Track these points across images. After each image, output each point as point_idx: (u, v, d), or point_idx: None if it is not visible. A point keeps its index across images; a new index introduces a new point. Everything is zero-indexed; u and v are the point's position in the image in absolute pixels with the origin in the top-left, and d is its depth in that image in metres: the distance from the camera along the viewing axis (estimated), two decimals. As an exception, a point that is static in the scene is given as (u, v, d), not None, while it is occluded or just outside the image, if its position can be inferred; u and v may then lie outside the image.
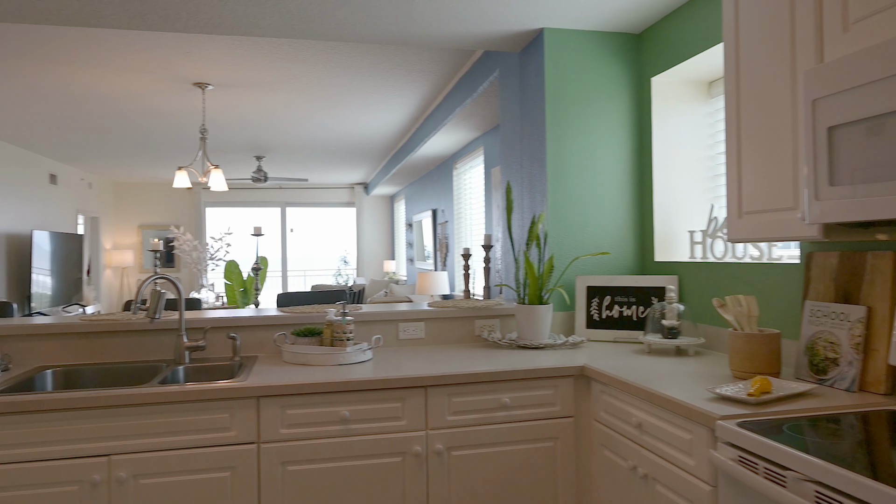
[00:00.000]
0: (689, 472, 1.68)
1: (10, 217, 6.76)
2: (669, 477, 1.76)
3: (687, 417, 1.67)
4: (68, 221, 8.29)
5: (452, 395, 2.19)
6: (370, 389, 2.13)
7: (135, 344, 2.53)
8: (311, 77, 4.56)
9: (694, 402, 1.67)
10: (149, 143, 6.97)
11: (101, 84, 4.61)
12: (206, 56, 4.04)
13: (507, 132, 3.50)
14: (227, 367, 2.44)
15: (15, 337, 2.44)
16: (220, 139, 6.81)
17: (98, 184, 9.53)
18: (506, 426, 2.22)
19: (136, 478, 1.96)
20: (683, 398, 1.71)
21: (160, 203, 10.46)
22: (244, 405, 2.04)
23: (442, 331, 2.82)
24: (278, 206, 11.11)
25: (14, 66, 4.14)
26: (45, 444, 1.91)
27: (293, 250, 11.45)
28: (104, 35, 3.62)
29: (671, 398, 1.73)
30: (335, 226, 12.36)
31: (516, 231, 3.29)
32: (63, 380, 2.36)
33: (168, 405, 1.99)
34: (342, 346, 2.44)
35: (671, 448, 1.76)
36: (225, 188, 4.92)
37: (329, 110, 5.61)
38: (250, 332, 2.63)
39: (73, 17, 2.70)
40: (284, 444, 2.06)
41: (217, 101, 5.19)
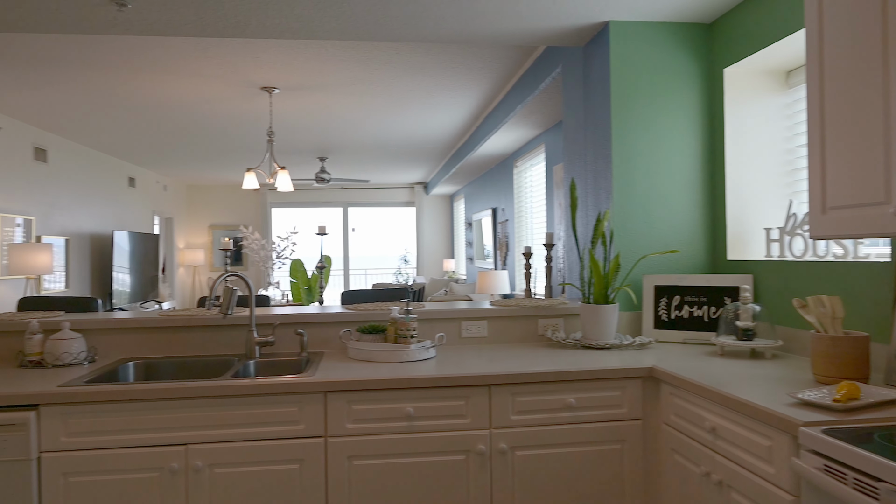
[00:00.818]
0: (768, 481, 1.60)
1: (94, 218, 7.18)
2: (746, 485, 1.68)
3: (766, 423, 1.59)
4: (145, 222, 8.74)
5: (517, 395, 2.17)
6: (434, 387, 2.14)
7: (208, 338, 2.63)
8: (373, 78, 4.63)
9: (774, 406, 1.58)
10: (218, 147, 7.25)
11: (175, 91, 4.82)
12: (274, 60, 4.17)
13: (569, 128, 3.44)
14: (295, 363, 2.50)
15: (100, 331, 2.58)
16: (285, 141, 7.01)
17: (172, 186, 10.00)
18: (571, 427, 2.18)
19: (210, 467, 2.04)
20: (762, 403, 1.63)
21: (229, 204, 10.88)
22: (312, 399, 2.09)
23: (505, 329, 2.80)
24: (340, 206, 11.35)
25: (97, 75, 4.39)
26: (127, 432, 2.01)
27: (354, 249, 11.67)
28: (179, 43, 3.79)
29: (749, 402, 1.65)
30: (395, 225, 12.52)
31: (580, 229, 3.23)
32: (143, 371, 2.48)
33: (241, 398, 2.06)
34: (406, 343, 2.46)
35: (748, 455, 1.68)
36: (291, 189, 5.06)
37: (390, 111, 5.68)
38: (317, 328, 2.69)
39: (153, 28, 2.84)
40: (350, 438, 2.10)
41: (283, 105, 5.35)
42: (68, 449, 1.98)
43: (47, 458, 1.97)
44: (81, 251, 6.86)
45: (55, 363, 2.36)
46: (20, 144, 5.72)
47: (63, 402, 1.98)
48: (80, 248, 6.82)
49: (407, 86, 4.85)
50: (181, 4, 2.61)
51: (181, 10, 2.66)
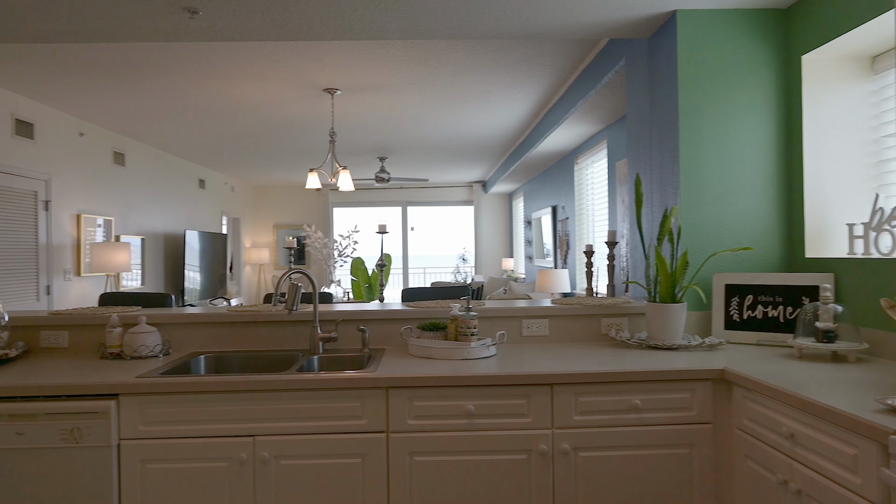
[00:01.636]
0: (853, 492, 1.50)
1: (167, 218, 7.53)
2: (828, 495, 1.58)
3: (852, 430, 1.49)
4: (214, 222, 9.10)
5: (580, 395, 2.12)
6: (495, 385, 2.12)
7: (274, 334, 2.71)
8: (432, 77, 4.65)
9: (860, 413, 1.48)
10: (282, 149, 7.46)
11: (241, 94, 4.99)
12: (336, 62, 4.24)
13: (634, 123, 3.35)
14: (357, 358, 2.54)
15: (174, 325, 2.70)
16: (346, 142, 7.14)
17: (239, 187, 10.37)
18: (637, 429, 2.12)
19: (277, 458, 2.09)
20: (847, 408, 1.52)
21: (293, 204, 11.18)
22: (374, 395, 2.11)
23: (567, 328, 2.75)
24: (399, 205, 11.47)
25: (168, 82, 4.59)
26: (199, 423, 2.08)
27: (413, 248, 11.77)
28: (245, 48, 3.91)
29: (832, 408, 1.55)
30: (454, 224, 12.55)
31: (646, 226, 3.14)
32: (213, 365, 2.58)
33: (306, 392, 2.10)
34: (466, 340, 2.45)
35: (831, 463, 1.58)
36: (352, 188, 5.15)
37: (450, 110, 5.69)
38: (378, 325, 2.72)
39: (223, 33, 2.94)
40: (412, 434, 2.10)
41: (344, 106, 5.44)
42: (145, 437, 2.08)
43: (126, 446, 2.07)
44: (156, 250, 7.21)
45: (133, 355, 2.48)
46: (100, 149, 6.06)
47: (140, 393, 2.08)
48: (154, 246, 7.16)
49: (466, 84, 4.84)
50: (249, 10, 2.69)
51: (249, 15, 2.74)
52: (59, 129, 5.37)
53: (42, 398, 2.06)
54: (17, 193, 4.81)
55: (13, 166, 4.75)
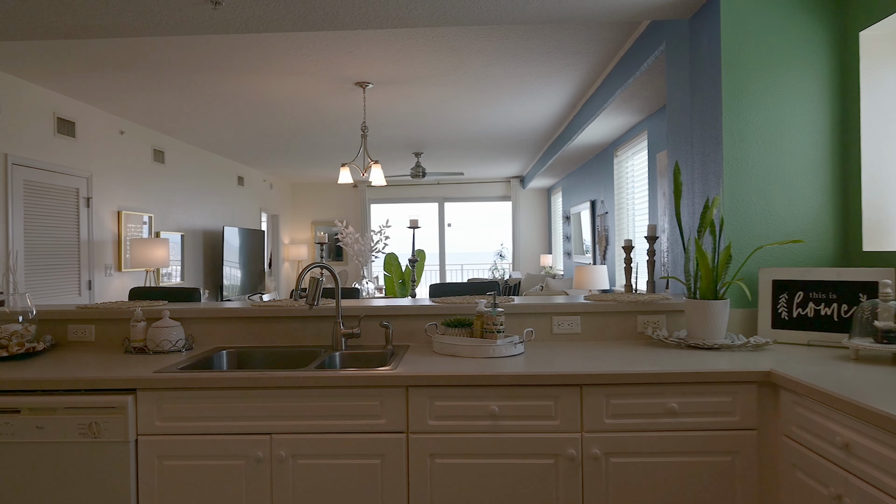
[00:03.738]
0: (919, 512, 1.33)
1: (207, 215, 7.64)
2: (890, 514, 1.41)
3: (917, 443, 1.32)
4: (253, 218, 9.21)
5: (611, 396, 1.99)
6: (521, 385, 2.00)
7: (297, 329, 2.65)
8: (465, 68, 4.54)
9: (928, 423, 1.31)
10: (318, 145, 7.47)
11: (274, 90, 4.98)
12: (366, 55, 4.18)
13: (674, 110, 3.17)
14: (379, 355, 2.46)
15: (197, 320, 2.67)
16: (381, 137, 7.10)
17: (278, 184, 10.48)
18: (673, 434, 1.97)
19: (294, 457, 2.03)
20: (911, 418, 1.36)
21: (330, 201, 11.25)
22: (393, 394, 2.02)
23: (600, 326, 2.61)
24: (436, 201, 11.40)
25: (202, 78, 4.61)
26: (216, 419, 2.04)
27: (451, 244, 11.69)
28: (275, 42, 3.88)
29: (892, 416, 1.38)
30: (491, 220, 12.42)
31: (686, 218, 2.96)
32: (235, 360, 2.54)
33: (323, 389, 2.03)
34: (492, 338, 2.34)
35: (891, 478, 1.41)
36: (384, 182, 5.09)
37: (484, 102, 5.56)
38: (402, 321, 2.64)
39: (247, 24, 2.90)
40: (432, 435, 2.01)
41: (377, 99, 5.39)
42: (162, 433, 2.04)
43: (144, 441, 2.04)
44: (195, 246, 7.32)
45: (156, 350, 2.46)
46: (141, 147, 6.17)
47: (157, 388, 2.04)
48: (193, 243, 7.27)
49: (500, 74, 4.72)
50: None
51: (272, 4, 2.69)
52: (100, 128, 5.48)
53: (62, 392, 2.05)
54: (60, 190, 4.92)
55: (56, 164, 4.86)
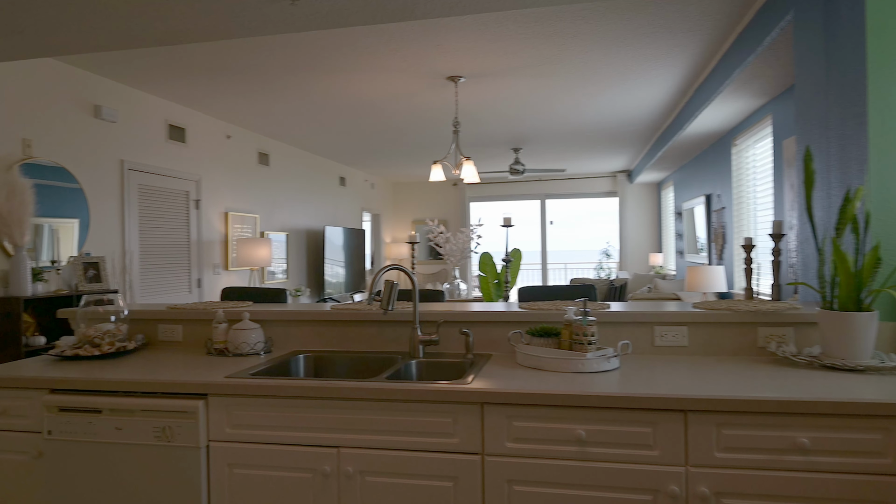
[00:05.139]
0: None
1: (309, 215, 7.85)
2: None
3: None
4: (354, 218, 9.38)
5: (723, 426, 1.68)
6: (612, 408, 1.74)
7: (374, 334, 2.53)
8: (561, 55, 4.25)
9: None
10: (415, 143, 7.43)
11: (368, 89, 4.95)
12: (456, 47, 4.02)
13: (805, 88, 2.72)
14: (457, 365, 2.28)
15: (276, 322, 2.63)
16: (477, 132, 6.92)
17: (379, 184, 10.63)
18: (804, 476, 1.62)
19: (362, 474, 1.90)
20: None
21: (431, 199, 11.26)
22: (467, 411, 1.83)
23: (712, 338, 2.26)
24: (538, 198, 11.07)
25: (301, 80, 4.66)
26: (283, 429, 1.95)
27: (553, 243, 11.30)
28: (363, 38, 3.81)
29: None
30: (596, 217, 11.89)
31: (819, 213, 2.52)
32: (312, 365, 2.46)
33: (391, 403, 1.88)
34: (582, 350, 2.08)
35: None
36: (477, 179, 4.91)
37: (584, 91, 5.23)
38: (484, 328, 2.44)
39: (327, 19, 2.83)
40: (510, 459, 1.80)
41: (470, 94, 5.22)
42: (232, 440, 1.99)
43: (214, 448, 1.99)
44: (298, 245, 7.54)
45: (235, 352, 2.44)
46: (247, 150, 6.42)
47: (226, 394, 1.99)
48: (297, 242, 7.50)
49: (600, 60, 4.38)
50: (348, -11, 2.53)
51: (349, -5, 2.59)
52: (209, 133, 5.74)
53: (139, 394, 2.05)
54: (172, 193, 5.19)
55: (167, 168, 5.13)
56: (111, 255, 4.45)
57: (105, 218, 4.42)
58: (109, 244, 4.45)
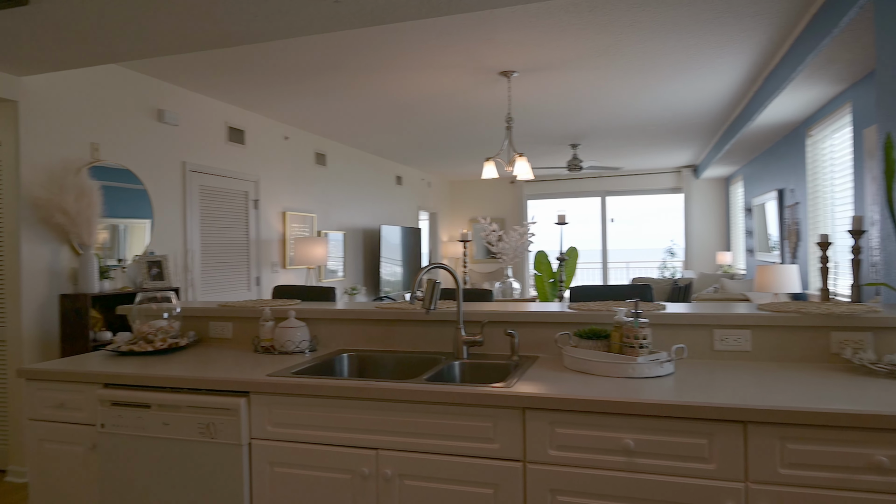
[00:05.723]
0: None
1: (366, 214, 7.92)
2: None
3: None
4: (411, 217, 9.41)
5: (789, 440, 1.53)
6: (664, 416, 1.62)
7: (418, 334, 2.49)
8: (618, 46, 4.08)
9: None
10: (470, 141, 7.37)
11: (421, 87, 4.93)
12: (508, 40, 3.93)
13: (886, 71, 2.49)
14: (502, 367, 2.20)
15: (321, 320, 2.62)
16: (533, 129, 6.79)
17: (436, 182, 10.63)
18: (881, 499, 1.46)
19: (401, 477, 1.85)
20: None
21: (488, 197, 11.17)
22: (507, 416, 1.75)
23: (779, 343, 2.09)
24: (598, 195, 10.78)
25: (354, 78, 4.69)
26: (323, 429, 1.93)
27: (614, 241, 10.99)
28: (412, 35, 3.78)
29: None
30: (660, 214, 11.48)
31: (902, 207, 2.29)
32: (356, 364, 2.44)
33: (429, 405, 1.83)
34: (633, 354, 1.97)
35: None
36: (531, 176, 4.79)
37: (643, 83, 5.02)
38: (531, 328, 2.35)
39: (372, 16, 2.80)
40: (553, 468, 1.71)
41: (525, 89, 5.10)
42: (273, 438, 1.98)
43: (256, 445, 2.00)
44: (355, 244, 7.62)
45: (281, 350, 2.45)
46: (304, 151, 6.53)
47: (267, 392, 1.99)
48: (353, 241, 7.58)
49: (659, 50, 4.18)
50: (391, -17, 2.49)
51: (393, -11, 2.55)
52: (266, 134, 5.87)
53: (186, 391, 2.08)
54: (231, 194, 5.34)
55: (227, 169, 5.27)
56: (174, 253, 4.61)
57: (168, 218, 4.58)
58: (172, 243, 4.61)
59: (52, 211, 3.58)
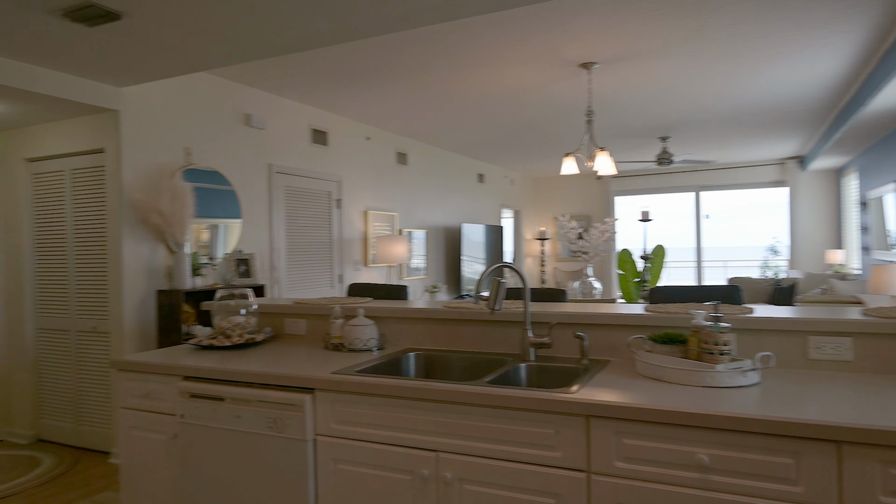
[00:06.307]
0: None
1: (447, 212, 7.94)
2: None
3: None
4: (493, 215, 9.34)
5: (892, 465, 1.34)
6: (743, 431, 1.48)
7: (485, 334, 2.43)
8: (706, 31, 3.82)
9: None
10: (552, 137, 7.20)
11: (497, 82, 4.85)
12: (586, 30, 3.78)
13: None
14: (569, 371, 2.10)
15: (389, 319, 2.63)
16: (617, 122, 6.52)
17: (519, 180, 10.49)
18: None
19: (461, 481, 1.81)
20: None
21: (572, 194, 10.89)
22: (571, 423, 1.66)
23: (886, 353, 1.86)
24: (691, 190, 10.23)
25: (431, 77, 4.69)
26: (384, 428, 1.92)
27: (709, 239, 10.38)
28: (481, 30, 3.72)
29: None
30: (761, 209, 10.73)
31: None
32: (422, 364, 2.42)
33: (488, 409, 1.77)
34: (712, 361, 1.81)
35: None
36: (613, 171, 4.59)
37: (738, 69, 4.68)
38: (602, 331, 2.23)
39: (440, 12, 2.77)
40: (620, 480, 1.60)
41: (607, 81, 4.90)
42: (337, 436, 2.00)
43: (321, 442, 2.02)
44: (437, 242, 7.65)
45: (350, 348, 2.47)
46: (385, 151, 6.63)
47: (330, 389, 2.00)
48: (435, 239, 7.61)
49: (753, 32, 3.87)
50: (458, -24, 2.45)
51: (460, -17, 2.51)
52: (349, 135, 6.01)
53: (257, 385, 2.14)
54: (315, 194, 5.50)
55: (311, 170, 5.44)
56: (260, 252, 4.81)
57: (255, 217, 4.78)
58: (259, 242, 4.81)
59: (149, 212, 3.83)
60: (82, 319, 4.14)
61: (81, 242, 4.12)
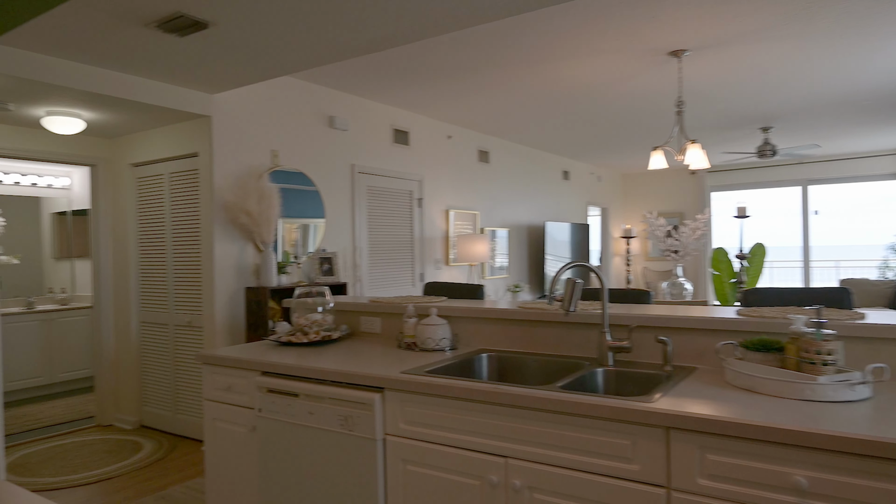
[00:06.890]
0: None
1: (530, 210, 7.80)
2: None
3: None
4: (578, 212, 9.08)
5: None
6: (847, 452, 1.30)
7: (560, 336, 2.33)
8: (812, 10, 3.49)
9: None
10: (641, 130, 6.88)
11: (584, 75, 4.68)
12: (675, 16, 3.56)
13: None
14: (650, 378, 1.96)
15: (463, 319, 2.58)
16: (712, 112, 6.13)
17: (606, 176, 10.14)
18: None
19: (530, 489, 1.73)
20: None
21: (665, 191, 10.39)
22: (648, 435, 1.54)
23: None
24: (797, 184, 9.47)
25: (510, 72, 4.60)
26: (452, 431, 1.87)
27: (819, 237, 9.58)
28: (558, 21, 3.58)
29: None
30: (881, 204, 9.77)
31: None
32: (496, 365, 2.35)
33: (559, 415, 1.68)
34: (813, 372, 1.63)
35: None
36: (706, 165, 4.31)
37: (851, 49, 4.25)
38: (687, 336, 2.07)
39: (507, 7, 2.69)
40: (703, 499, 1.47)
41: (700, 69, 4.61)
42: (405, 436, 1.97)
43: (390, 442, 2.00)
44: (519, 241, 7.53)
45: (422, 347, 2.45)
46: (466, 149, 6.59)
47: (399, 389, 1.98)
48: (517, 238, 7.50)
49: (869, 7, 3.50)
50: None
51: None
52: (430, 135, 6.02)
53: (329, 382, 2.16)
54: (397, 193, 5.56)
55: (393, 170, 5.50)
56: (343, 250, 4.92)
57: (338, 217, 4.89)
58: (342, 240, 4.92)
59: (238, 212, 4.00)
60: (179, 314, 4.39)
61: (178, 242, 4.38)
